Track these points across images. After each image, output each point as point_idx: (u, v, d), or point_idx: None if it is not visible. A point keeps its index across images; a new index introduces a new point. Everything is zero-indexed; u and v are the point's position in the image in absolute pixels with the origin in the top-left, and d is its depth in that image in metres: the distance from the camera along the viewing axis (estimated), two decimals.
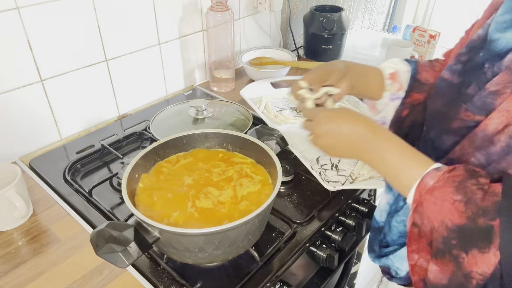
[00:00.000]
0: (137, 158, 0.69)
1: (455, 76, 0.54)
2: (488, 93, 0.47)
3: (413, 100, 0.68)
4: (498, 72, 0.47)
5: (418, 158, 0.50)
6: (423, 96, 0.67)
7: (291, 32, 1.53)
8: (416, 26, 1.56)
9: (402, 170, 0.50)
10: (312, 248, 0.76)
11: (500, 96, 0.46)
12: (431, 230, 0.45)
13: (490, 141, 0.46)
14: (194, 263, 0.66)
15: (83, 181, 0.89)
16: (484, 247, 0.40)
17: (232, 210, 0.65)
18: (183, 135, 0.77)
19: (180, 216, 0.63)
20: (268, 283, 0.67)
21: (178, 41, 1.17)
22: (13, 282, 0.65)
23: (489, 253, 0.40)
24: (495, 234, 0.40)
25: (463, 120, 0.50)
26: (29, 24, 0.83)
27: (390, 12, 2.27)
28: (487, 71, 0.49)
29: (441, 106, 0.55)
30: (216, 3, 1.10)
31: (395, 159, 0.51)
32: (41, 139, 0.96)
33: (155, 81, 1.17)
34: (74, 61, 0.95)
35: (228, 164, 0.74)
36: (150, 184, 0.70)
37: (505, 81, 0.46)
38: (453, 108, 0.52)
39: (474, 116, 0.49)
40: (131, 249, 0.54)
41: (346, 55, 1.55)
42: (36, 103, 0.92)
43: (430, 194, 0.45)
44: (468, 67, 0.52)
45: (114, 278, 0.66)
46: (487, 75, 0.48)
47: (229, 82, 1.25)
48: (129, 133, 1.02)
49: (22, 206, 0.72)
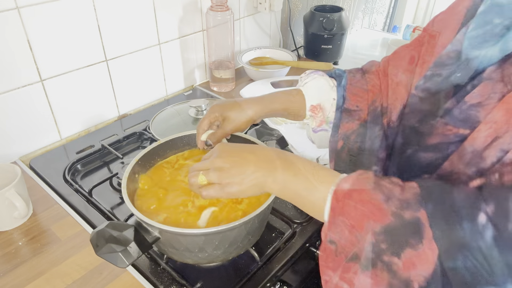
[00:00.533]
0: (137, 158, 0.69)
1: (428, 93, 0.52)
2: (469, 106, 0.46)
3: (346, 131, 0.64)
4: (478, 84, 0.45)
5: (326, 170, 0.47)
6: (356, 124, 0.64)
7: (291, 32, 1.53)
8: (416, 26, 1.56)
9: (314, 185, 0.46)
10: (312, 248, 0.76)
11: (483, 107, 0.44)
12: (353, 242, 0.41)
13: (480, 157, 0.42)
14: (194, 263, 0.66)
15: (83, 181, 0.89)
16: (416, 244, 0.37)
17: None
18: (183, 135, 0.77)
19: (180, 215, 0.63)
20: (268, 283, 0.67)
21: (178, 41, 1.17)
22: (13, 282, 0.65)
23: (423, 249, 0.37)
24: (424, 225, 0.37)
25: (444, 135, 0.48)
26: (29, 24, 0.83)
27: (390, 12, 2.28)
28: (467, 86, 0.47)
29: (416, 122, 0.52)
30: (216, 3, 1.10)
31: (304, 175, 0.47)
32: (41, 139, 0.96)
33: (155, 81, 1.17)
34: (74, 61, 0.95)
35: None
36: (150, 184, 0.70)
37: (487, 92, 0.44)
38: (428, 124, 0.50)
39: (458, 129, 0.46)
40: (131, 249, 0.54)
41: (346, 55, 1.55)
42: (36, 103, 0.92)
43: (349, 198, 0.42)
44: (443, 84, 0.50)
45: (114, 278, 0.66)
46: (467, 89, 0.47)
47: (229, 82, 1.25)
48: (129, 133, 1.02)
49: (22, 206, 0.72)
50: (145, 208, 0.65)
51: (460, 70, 0.48)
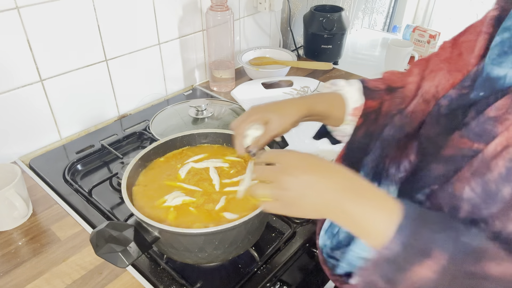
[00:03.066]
0: (137, 158, 0.69)
1: (449, 108, 0.50)
2: (487, 119, 0.43)
3: (367, 108, 0.62)
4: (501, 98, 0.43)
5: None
6: (376, 103, 0.62)
7: (291, 32, 1.53)
8: (416, 26, 1.56)
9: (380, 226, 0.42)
10: (312, 248, 0.76)
11: (502, 123, 0.41)
12: None
13: (487, 167, 0.40)
14: (194, 263, 0.66)
15: (83, 181, 0.89)
16: None
17: None
18: (183, 135, 0.77)
19: (180, 214, 0.63)
20: (268, 283, 0.67)
21: (178, 41, 1.17)
22: (13, 282, 0.65)
23: None
24: None
25: (458, 148, 0.45)
26: (29, 24, 0.83)
27: (390, 12, 2.28)
28: (490, 98, 0.45)
29: (434, 134, 0.50)
30: (216, 3, 1.10)
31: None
32: (41, 139, 0.96)
33: (155, 81, 1.17)
34: (74, 61, 0.95)
35: (230, 163, 0.74)
36: (150, 184, 0.70)
37: (506, 106, 0.42)
38: (446, 136, 0.48)
39: (472, 143, 0.44)
40: (131, 249, 0.54)
41: (346, 55, 1.55)
42: (36, 103, 0.92)
43: None
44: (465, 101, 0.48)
45: (114, 278, 0.66)
46: (489, 101, 0.44)
47: (229, 82, 1.25)
48: (129, 133, 1.02)
49: (22, 206, 0.72)
50: (145, 207, 0.65)
51: (483, 89, 0.46)
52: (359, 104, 0.64)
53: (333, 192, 0.46)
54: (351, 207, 0.44)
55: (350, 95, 0.64)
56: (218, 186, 0.68)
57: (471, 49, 0.52)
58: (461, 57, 0.54)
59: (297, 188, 0.47)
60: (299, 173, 0.47)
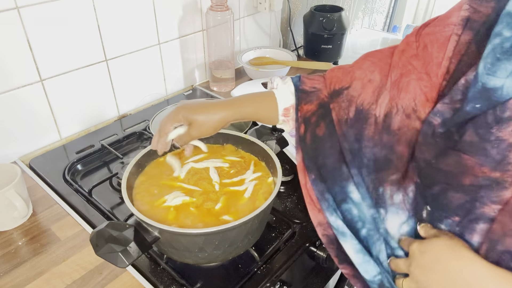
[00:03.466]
0: (136, 158, 0.69)
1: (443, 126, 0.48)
2: (508, 145, 0.41)
3: (305, 112, 0.60)
4: (501, 115, 0.41)
5: None
6: (314, 106, 0.60)
7: (291, 32, 1.53)
8: (416, 26, 1.56)
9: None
10: (312, 248, 0.76)
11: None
12: None
13: None
14: (194, 263, 0.66)
15: (83, 181, 0.89)
16: None
17: None
18: None
19: (180, 214, 0.63)
20: (268, 283, 0.67)
21: (178, 41, 1.17)
22: (13, 282, 0.65)
23: None
24: None
25: (476, 177, 0.43)
26: (29, 24, 0.83)
27: (390, 12, 2.28)
28: (488, 116, 0.43)
29: (431, 157, 0.48)
30: (216, 3, 1.10)
31: None
32: (41, 139, 0.96)
33: (155, 81, 1.17)
34: (74, 61, 0.95)
35: (230, 163, 0.74)
36: (150, 184, 0.70)
37: None
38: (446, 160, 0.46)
39: (490, 173, 0.42)
40: (131, 249, 0.54)
41: (346, 55, 1.55)
42: (36, 103, 0.92)
43: None
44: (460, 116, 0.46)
45: (114, 278, 0.66)
46: (488, 119, 0.43)
47: (229, 82, 1.25)
48: (129, 133, 1.02)
49: (22, 206, 0.72)
50: (144, 207, 0.65)
51: (479, 101, 0.43)
52: (288, 105, 0.63)
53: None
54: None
55: (281, 96, 0.63)
56: (218, 186, 0.68)
57: (436, 41, 0.51)
58: (426, 51, 0.52)
59: (428, 283, 0.47)
60: (430, 270, 0.47)
